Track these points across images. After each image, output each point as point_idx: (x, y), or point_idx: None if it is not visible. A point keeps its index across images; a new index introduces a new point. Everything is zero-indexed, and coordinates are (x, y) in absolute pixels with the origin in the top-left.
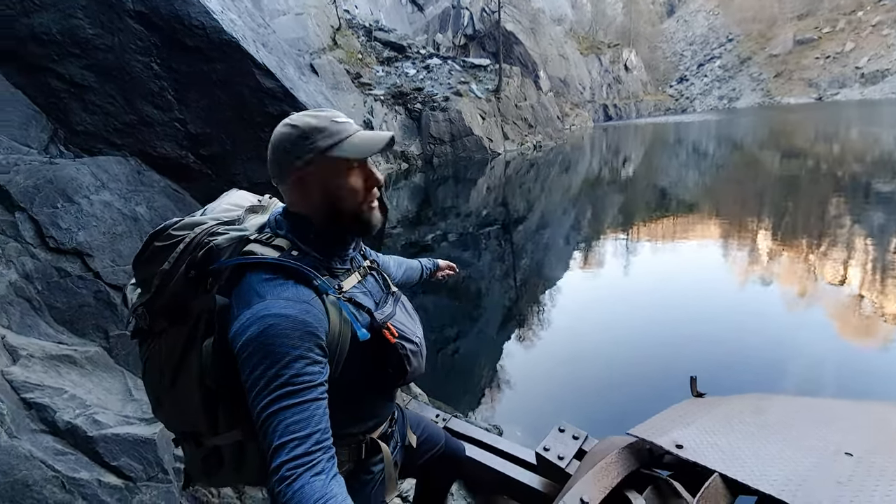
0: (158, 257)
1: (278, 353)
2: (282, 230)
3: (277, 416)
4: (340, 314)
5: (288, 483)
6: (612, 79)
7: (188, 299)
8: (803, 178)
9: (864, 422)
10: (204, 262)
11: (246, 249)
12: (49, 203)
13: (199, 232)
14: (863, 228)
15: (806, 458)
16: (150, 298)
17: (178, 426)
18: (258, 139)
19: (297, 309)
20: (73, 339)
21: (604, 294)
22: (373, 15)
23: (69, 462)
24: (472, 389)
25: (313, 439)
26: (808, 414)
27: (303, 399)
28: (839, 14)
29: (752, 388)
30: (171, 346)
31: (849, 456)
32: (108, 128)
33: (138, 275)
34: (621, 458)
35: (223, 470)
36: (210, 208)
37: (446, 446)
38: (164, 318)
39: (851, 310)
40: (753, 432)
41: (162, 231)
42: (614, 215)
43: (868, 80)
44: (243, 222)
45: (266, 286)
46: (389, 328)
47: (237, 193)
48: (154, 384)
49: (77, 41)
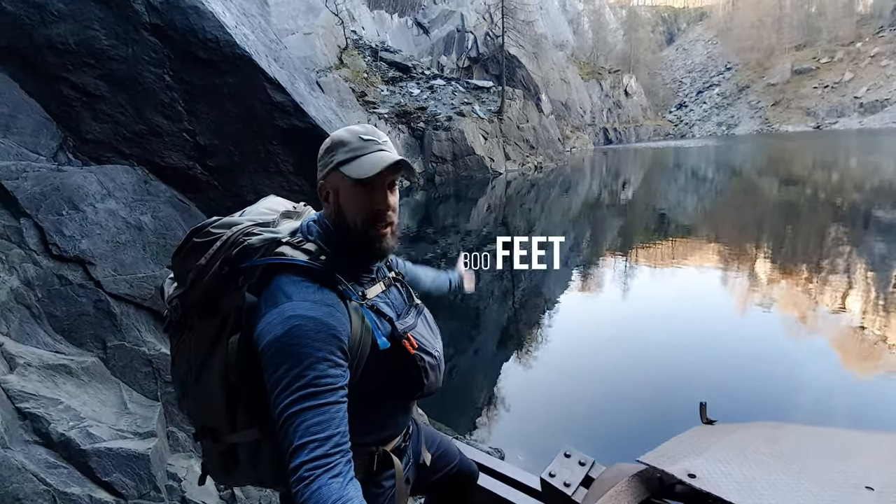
0: (196, 253)
1: (302, 354)
2: (311, 235)
3: (298, 417)
4: (363, 321)
5: (306, 484)
6: (613, 103)
7: (219, 295)
8: (803, 206)
9: (884, 454)
10: (237, 260)
11: (277, 251)
12: (54, 210)
13: (236, 231)
14: (864, 256)
15: (825, 490)
16: (184, 292)
17: (199, 420)
18: (266, 152)
19: (322, 311)
20: (71, 348)
21: (606, 316)
22: (379, 36)
23: (61, 476)
24: (474, 411)
25: (333, 441)
26: (825, 444)
27: (324, 401)
28: (837, 45)
29: (761, 414)
30: (199, 340)
31: (870, 490)
32: (117, 137)
33: (176, 268)
34: (631, 487)
35: (239, 468)
36: (248, 211)
37: (461, 465)
38: (195, 312)
39: (857, 337)
40: (769, 462)
41: (202, 228)
42: (615, 238)
43: (867, 110)
44: (277, 225)
45: (293, 287)
46: (409, 339)
47: (274, 199)
48: (181, 377)
49: (92, 51)
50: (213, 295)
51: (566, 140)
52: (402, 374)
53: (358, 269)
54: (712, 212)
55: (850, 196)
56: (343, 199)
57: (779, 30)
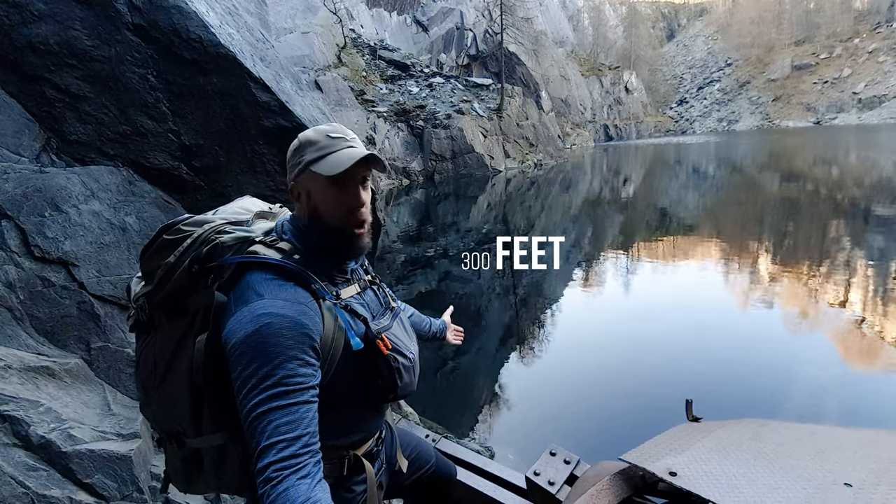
0: (165, 250)
1: (272, 353)
2: (286, 235)
3: (267, 417)
4: (336, 320)
5: (273, 484)
6: (613, 100)
7: (188, 294)
8: (802, 201)
9: (865, 451)
10: (208, 258)
11: (250, 250)
12: (36, 212)
13: (207, 229)
14: (862, 252)
15: (804, 488)
16: (151, 290)
17: (163, 423)
18: (252, 152)
19: (294, 310)
20: (54, 350)
21: (600, 316)
22: (378, 34)
23: (41, 478)
24: (465, 410)
25: (301, 442)
26: (807, 442)
27: (294, 401)
28: (836, 41)
29: (750, 412)
30: (165, 340)
31: (848, 486)
32: (101, 137)
33: (144, 266)
34: (613, 485)
35: (202, 475)
36: (221, 210)
37: (436, 466)
38: (162, 311)
39: (852, 334)
40: (750, 460)
41: (172, 225)
42: (614, 235)
43: (865, 106)
44: (251, 225)
45: (265, 285)
46: (384, 339)
47: (250, 199)
48: (145, 379)
49: (74, 52)
50: (182, 293)
51: (566, 137)
52: (375, 376)
53: (332, 269)
54: (712, 209)
55: (849, 191)
56: (316, 199)
57: (778, 26)
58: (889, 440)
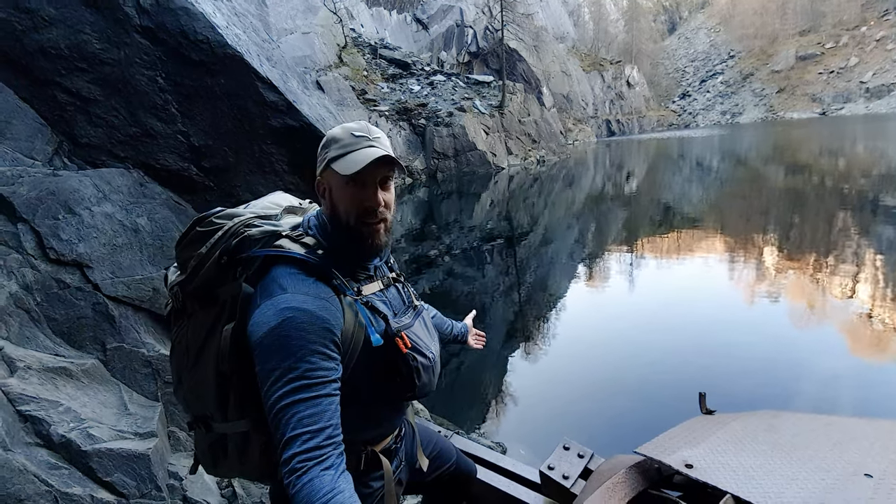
0: (198, 241)
1: (294, 347)
2: (311, 230)
3: (291, 409)
4: (356, 316)
5: (298, 475)
6: (615, 95)
7: (218, 284)
8: (809, 194)
9: (883, 441)
10: (236, 250)
11: (276, 243)
12: (51, 215)
13: (237, 222)
14: (870, 243)
15: (823, 479)
16: (184, 279)
17: (192, 408)
18: (261, 152)
19: (316, 304)
20: (71, 351)
21: (609, 309)
22: (378, 34)
23: (63, 477)
24: (476, 405)
25: (325, 434)
26: (824, 433)
27: (317, 393)
28: (842, 30)
29: (763, 404)
30: (197, 327)
31: (868, 477)
32: (112, 140)
33: (178, 256)
34: (629, 478)
35: (227, 460)
36: (252, 204)
37: (457, 465)
38: (195, 300)
39: (862, 324)
40: (767, 451)
41: (205, 218)
42: (618, 231)
43: (873, 95)
44: (280, 220)
45: (289, 279)
46: (403, 337)
47: (281, 195)
48: (179, 363)
49: (84, 55)
50: (212, 283)
51: (568, 133)
52: (394, 373)
53: (355, 265)
54: (717, 202)
55: (856, 182)
56: (336, 196)
57: (782, 15)
58: None
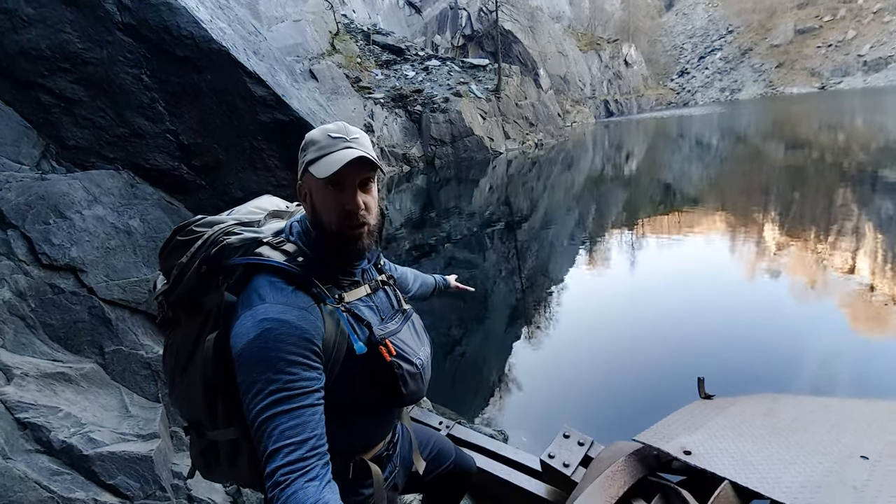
0: (179, 250)
1: (274, 359)
2: (293, 236)
3: (273, 422)
4: (337, 324)
5: (282, 488)
6: (613, 74)
7: (201, 294)
8: (809, 170)
9: (881, 423)
10: (216, 259)
11: (256, 251)
12: (41, 219)
13: (217, 230)
14: (871, 219)
15: (821, 462)
16: (168, 289)
17: (184, 413)
18: (251, 148)
19: (294, 314)
20: (68, 356)
21: (608, 295)
22: (370, 19)
23: (65, 482)
24: (477, 394)
25: (308, 445)
26: (822, 415)
27: (298, 404)
28: (839, 2)
29: (763, 387)
30: (185, 336)
31: (865, 459)
32: (99, 141)
33: (162, 265)
34: (628, 466)
35: (219, 466)
36: (235, 210)
37: (455, 462)
38: (180, 309)
39: (861, 303)
40: (764, 436)
41: (185, 226)
42: (618, 213)
43: (871, 68)
44: (263, 225)
45: (267, 289)
46: (388, 345)
47: (268, 198)
48: (170, 369)
49: (66, 55)
50: (195, 293)
51: (566, 115)
52: (379, 382)
53: (337, 270)
54: (717, 181)
55: (855, 157)
56: (316, 200)
57: None
58: None
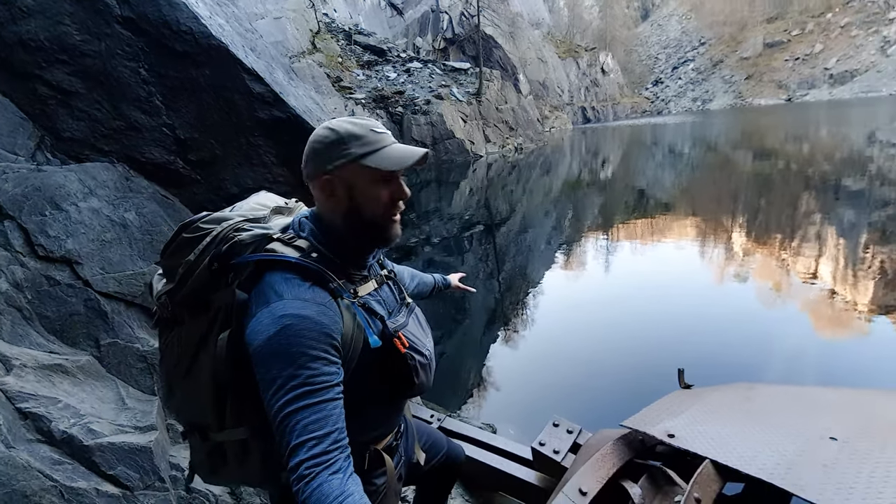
0: (185, 248)
1: (295, 354)
2: (303, 232)
3: (295, 416)
4: (354, 319)
5: (307, 481)
6: (590, 81)
7: (209, 292)
8: (775, 178)
9: (848, 408)
10: (227, 256)
11: (268, 247)
12: (37, 211)
13: (226, 227)
14: (833, 225)
15: (793, 443)
16: (173, 288)
17: (187, 417)
18: (248, 144)
19: (314, 310)
20: (65, 348)
21: (589, 292)
22: (352, 19)
23: (67, 471)
24: (465, 389)
25: (331, 438)
26: (794, 401)
27: (320, 399)
28: (808, 16)
29: (738, 378)
30: (189, 336)
31: (833, 440)
32: (95, 134)
33: (165, 264)
34: (616, 450)
35: (226, 468)
36: (238, 206)
37: (448, 453)
38: (185, 308)
39: (824, 304)
40: (741, 419)
41: (191, 223)
42: (595, 216)
43: (836, 81)
44: (269, 222)
45: (284, 285)
46: (401, 337)
47: (265, 195)
48: (169, 373)
49: (64, 47)
50: (203, 291)
51: (545, 120)
52: (393, 373)
53: (350, 266)
54: (689, 187)
55: (820, 167)
56: (362, 193)
57: (751, 2)
58: (867, 398)
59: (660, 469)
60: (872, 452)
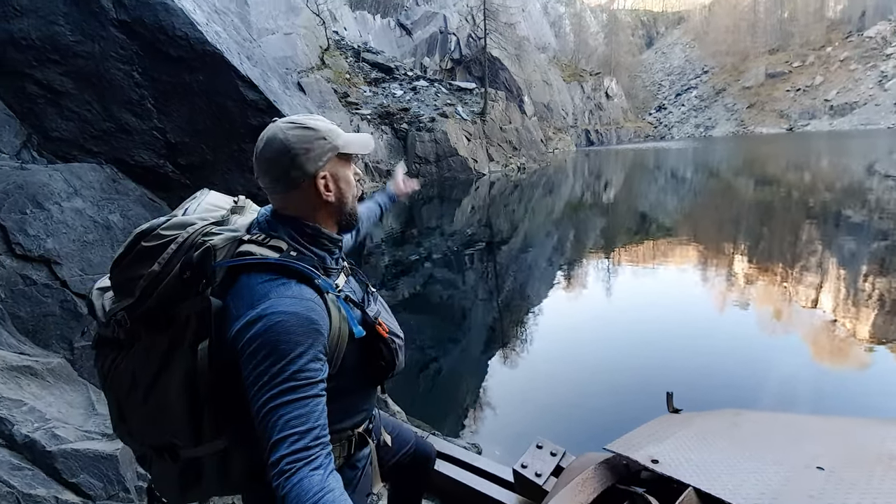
0: (145, 259)
1: (283, 350)
2: (276, 231)
3: (279, 411)
4: (340, 312)
5: (287, 476)
6: (594, 105)
7: (177, 302)
8: (776, 206)
9: (835, 437)
10: (201, 263)
11: (241, 250)
12: (18, 209)
13: (193, 232)
14: (832, 254)
15: (779, 472)
16: (133, 303)
17: (150, 440)
18: (239, 150)
19: (303, 307)
20: (36, 349)
21: (586, 314)
22: (361, 37)
23: (26, 478)
24: (452, 408)
25: (312, 434)
26: (782, 429)
27: (304, 395)
28: (809, 49)
29: (728, 404)
30: (147, 354)
31: (820, 470)
32: (84, 135)
33: (118, 277)
34: (597, 474)
35: (203, 482)
36: (191, 209)
37: (416, 447)
38: (144, 324)
39: (822, 332)
40: (727, 447)
41: (150, 231)
42: (595, 238)
43: (837, 112)
44: (230, 223)
45: (268, 286)
46: (381, 324)
47: (213, 194)
48: (120, 397)
49: (57, 47)
50: (170, 303)
51: (549, 141)
52: (378, 359)
53: (326, 261)
54: (689, 212)
55: (820, 196)
56: (342, 180)
57: (753, 34)
58: (856, 427)
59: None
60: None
